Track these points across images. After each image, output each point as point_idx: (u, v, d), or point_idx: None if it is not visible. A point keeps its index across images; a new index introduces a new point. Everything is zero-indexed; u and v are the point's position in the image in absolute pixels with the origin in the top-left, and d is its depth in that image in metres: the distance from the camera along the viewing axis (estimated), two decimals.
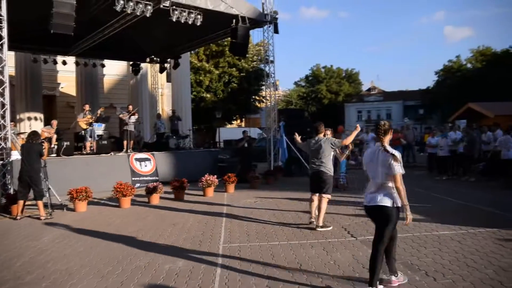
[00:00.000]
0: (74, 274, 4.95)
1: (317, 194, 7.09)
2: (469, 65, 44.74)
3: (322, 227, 6.82)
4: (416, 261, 5.09)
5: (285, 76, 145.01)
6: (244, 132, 15.76)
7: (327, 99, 58.66)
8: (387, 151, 4.12)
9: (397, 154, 4.11)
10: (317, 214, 7.04)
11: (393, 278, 4.34)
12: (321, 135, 7.23)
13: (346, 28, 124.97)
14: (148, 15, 11.39)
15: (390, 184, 4.15)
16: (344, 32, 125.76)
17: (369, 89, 66.20)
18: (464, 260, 5.05)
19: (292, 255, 5.48)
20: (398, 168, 4.06)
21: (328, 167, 7.03)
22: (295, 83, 65.79)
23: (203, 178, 11.14)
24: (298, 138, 7.85)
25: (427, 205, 8.83)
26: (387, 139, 4.24)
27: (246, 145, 14.98)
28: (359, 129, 7.21)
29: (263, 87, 28.46)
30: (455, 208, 8.55)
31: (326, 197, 6.99)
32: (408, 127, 19.52)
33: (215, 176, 11.38)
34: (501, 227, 6.64)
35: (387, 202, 4.14)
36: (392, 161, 4.06)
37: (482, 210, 8.31)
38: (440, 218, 7.41)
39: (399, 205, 4.15)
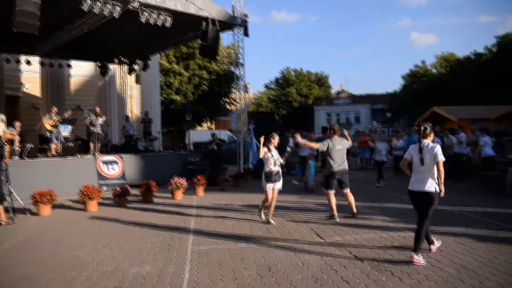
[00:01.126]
0: (36, 281, 4.81)
1: (333, 191, 7.81)
2: (434, 70, 46.02)
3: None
4: (383, 261, 5.18)
5: (256, 79, 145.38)
6: (213, 134, 15.70)
7: (297, 102, 59.13)
8: (431, 145, 5.30)
9: (439, 146, 5.30)
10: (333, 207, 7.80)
11: (432, 246, 5.53)
12: (337, 136, 7.97)
13: (316, 32, 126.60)
14: (116, 16, 11.20)
15: (434, 171, 5.21)
16: (314, 36, 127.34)
17: (338, 93, 67.14)
18: (428, 260, 5.17)
19: (261, 258, 5.49)
20: (441, 157, 5.19)
21: None
22: (266, 86, 66.01)
23: (172, 180, 11.04)
24: (300, 139, 8.53)
25: (395, 206, 9.04)
26: (430, 138, 5.43)
27: (215, 147, 14.91)
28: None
29: (234, 90, 28.52)
30: None
31: (348, 190, 7.90)
32: (375, 130, 19.93)
33: (185, 179, 11.30)
34: (464, 226, 6.86)
35: (432, 189, 5.19)
36: (437, 150, 5.20)
37: (446, 210, 8.54)
38: (406, 219, 7.57)
39: (438, 190, 5.21)
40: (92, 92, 22.76)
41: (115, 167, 12.97)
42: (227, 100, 34.63)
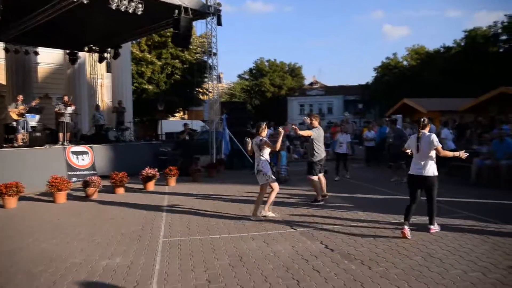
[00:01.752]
0: (1, 276, 4.67)
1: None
2: (405, 63, 46.88)
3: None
4: (353, 250, 5.27)
5: (229, 69, 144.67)
6: (185, 124, 15.56)
7: (270, 92, 59.28)
8: (427, 134, 6.03)
9: (434, 135, 6.03)
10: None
11: (405, 227, 5.91)
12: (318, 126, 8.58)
13: (291, 23, 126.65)
14: (85, 2, 10.88)
15: (433, 155, 5.93)
16: (288, 26, 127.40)
17: (311, 83, 67.56)
18: (397, 249, 5.30)
19: (233, 248, 5.50)
20: (438, 143, 5.90)
21: None
22: (239, 76, 65.91)
23: (143, 171, 10.90)
24: (298, 130, 8.36)
25: (366, 196, 9.20)
26: (427, 128, 6.12)
27: (187, 137, 14.80)
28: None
29: (207, 80, 28.33)
30: (389, 199, 8.95)
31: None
32: (347, 121, 20.17)
33: (156, 169, 11.17)
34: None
35: (431, 173, 5.92)
36: (433, 138, 5.93)
37: None
38: (377, 210, 7.74)
39: (437, 174, 5.98)
40: (61, 80, 22.16)
41: (85, 158, 12.70)
42: (200, 90, 34.38)
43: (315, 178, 8.47)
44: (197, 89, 33.82)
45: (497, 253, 5.01)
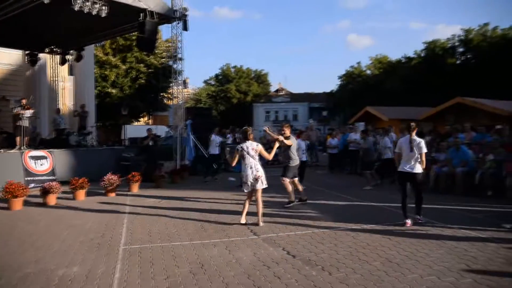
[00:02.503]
0: None
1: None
2: (368, 72, 48.02)
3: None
4: (314, 257, 5.33)
5: (196, 74, 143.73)
6: (148, 129, 15.34)
7: (236, 98, 59.35)
8: (418, 139, 7.09)
9: (423, 141, 7.18)
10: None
11: (407, 221, 7.00)
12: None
13: (258, 29, 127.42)
14: (46, 2, 10.59)
15: (418, 158, 7.01)
16: (255, 33, 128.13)
17: (277, 90, 68.11)
18: (357, 254, 5.39)
19: (195, 255, 5.45)
20: (425, 149, 7.03)
21: None
22: (205, 81, 65.67)
23: (105, 177, 10.66)
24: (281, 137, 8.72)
25: (329, 203, 9.34)
26: (414, 132, 7.16)
27: (150, 143, 14.58)
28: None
29: (172, 85, 28.10)
30: (351, 206, 9.12)
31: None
32: (311, 128, 20.43)
33: (119, 175, 10.95)
34: (391, 222, 7.24)
35: (419, 170, 7.07)
36: (422, 144, 7.03)
37: (375, 206, 8.95)
38: (338, 215, 7.88)
39: (422, 171, 7.14)
40: (19, 82, 21.35)
41: (44, 163, 12.30)
42: (165, 95, 34.03)
43: (287, 179, 8.85)
44: (162, 94, 33.48)
45: (451, 257, 5.18)
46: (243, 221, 7.11)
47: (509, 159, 9.71)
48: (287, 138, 8.76)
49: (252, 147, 7.02)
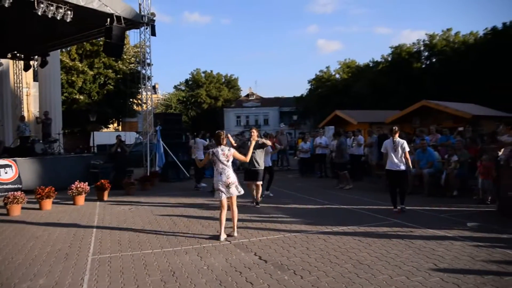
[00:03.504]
0: None
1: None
2: (337, 76, 48.74)
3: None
4: (286, 261, 5.34)
5: (165, 80, 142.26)
6: (117, 136, 15.08)
7: (206, 103, 59.21)
8: (401, 140, 8.43)
9: (405, 141, 8.58)
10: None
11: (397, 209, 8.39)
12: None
13: (227, 34, 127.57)
14: (6, 5, 10.25)
15: (403, 157, 8.30)
16: (225, 38, 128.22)
17: (247, 95, 68.30)
18: (328, 257, 5.44)
19: (166, 262, 5.37)
20: (407, 148, 8.36)
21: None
22: (175, 87, 65.24)
23: (73, 185, 10.39)
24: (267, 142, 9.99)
25: (300, 207, 9.40)
26: (397, 135, 8.46)
27: (119, 150, 14.33)
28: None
29: (141, 90, 27.82)
30: (322, 209, 9.22)
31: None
32: (282, 132, 20.54)
33: (87, 183, 10.70)
34: (361, 223, 7.34)
35: (404, 168, 8.36)
36: (405, 144, 8.34)
37: (345, 209, 9.07)
38: (309, 219, 7.94)
39: (406, 169, 8.46)
40: None
41: (8, 171, 11.89)
42: (135, 100, 33.59)
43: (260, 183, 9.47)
44: (131, 100, 33.03)
45: (419, 257, 5.30)
46: (223, 237, 6.48)
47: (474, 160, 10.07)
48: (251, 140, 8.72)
49: (223, 152, 6.54)
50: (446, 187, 10.37)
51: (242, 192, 6.71)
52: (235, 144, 9.06)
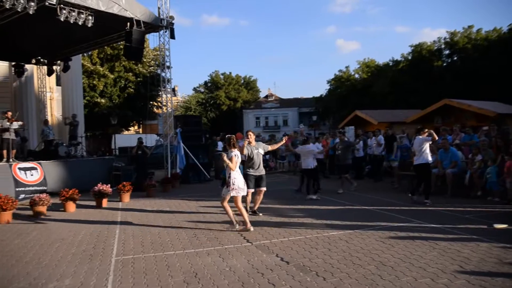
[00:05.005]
0: None
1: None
2: (356, 75, 48.31)
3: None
4: (308, 262, 5.31)
5: (185, 82, 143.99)
6: (138, 139, 15.27)
7: (225, 105, 59.41)
8: (426, 138, 9.34)
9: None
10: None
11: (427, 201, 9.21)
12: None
13: (246, 36, 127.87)
14: (31, 12, 10.50)
15: (427, 151, 9.38)
16: (244, 40, 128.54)
17: (266, 96, 68.29)
18: (351, 259, 5.39)
19: (188, 264, 5.40)
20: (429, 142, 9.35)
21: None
22: (194, 89, 65.68)
23: (96, 187, 10.56)
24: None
25: (321, 208, 9.35)
26: (423, 134, 9.40)
27: (140, 152, 14.50)
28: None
29: (161, 93, 28.16)
30: (344, 210, 9.14)
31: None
32: (302, 133, 20.43)
33: (109, 185, 10.85)
34: (382, 225, 7.25)
35: (426, 162, 9.38)
36: (425, 139, 9.31)
37: (366, 210, 8.98)
38: (332, 220, 7.88)
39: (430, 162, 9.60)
40: (6, 94, 21.16)
41: (34, 173, 12.14)
42: (154, 103, 33.94)
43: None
44: (151, 102, 33.37)
45: (444, 259, 5.21)
46: (237, 226, 7.19)
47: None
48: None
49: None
50: (470, 187, 10.16)
51: (236, 194, 7.09)
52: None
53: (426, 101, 24.64)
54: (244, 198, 7.74)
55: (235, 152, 7.18)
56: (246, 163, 8.57)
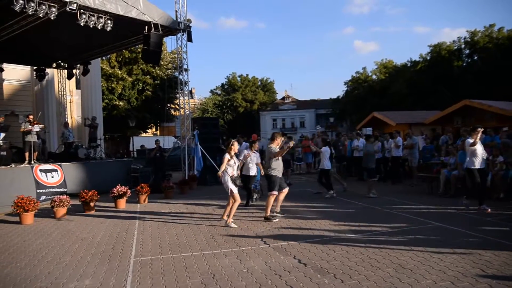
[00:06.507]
0: None
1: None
2: (374, 77, 47.84)
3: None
4: (326, 264, 5.28)
5: (202, 84, 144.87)
6: (156, 141, 15.40)
7: (242, 107, 59.49)
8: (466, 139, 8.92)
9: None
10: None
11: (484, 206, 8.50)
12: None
13: (263, 38, 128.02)
14: (52, 18, 10.73)
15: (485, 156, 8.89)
16: (261, 42, 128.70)
17: (283, 98, 68.17)
18: (369, 261, 5.34)
19: (206, 265, 5.43)
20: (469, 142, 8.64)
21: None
22: (211, 91, 66.01)
23: (114, 189, 10.69)
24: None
25: (337, 209, 9.29)
26: (474, 135, 8.54)
27: (158, 154, 14.62)
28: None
29: (178, 95, 28.35)
30: (361, 211, 9.06)
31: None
32: (319, 135, 20.34)
33: (128, 186, 10.97)
34: (401, 227, 7.17)
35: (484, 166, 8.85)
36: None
37: (384, 211, 8.89)
38: (350, 222, 7.82)
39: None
40: (28, 97, 21.68)
41: (55, 175, 12.35)
42: (172, 105, 34.19)
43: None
44: (168, 105, 33.63)
45: (464, 262, 5.12)
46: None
47: None
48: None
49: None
50: (492, 189, 9.97)
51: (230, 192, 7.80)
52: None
53: (445, 102, 24.29)
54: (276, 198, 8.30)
55: (227, 156, 7.84)
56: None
